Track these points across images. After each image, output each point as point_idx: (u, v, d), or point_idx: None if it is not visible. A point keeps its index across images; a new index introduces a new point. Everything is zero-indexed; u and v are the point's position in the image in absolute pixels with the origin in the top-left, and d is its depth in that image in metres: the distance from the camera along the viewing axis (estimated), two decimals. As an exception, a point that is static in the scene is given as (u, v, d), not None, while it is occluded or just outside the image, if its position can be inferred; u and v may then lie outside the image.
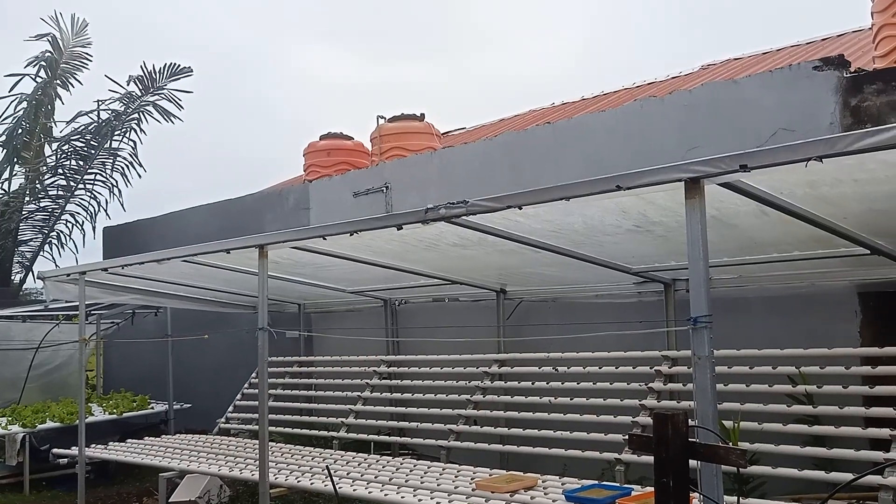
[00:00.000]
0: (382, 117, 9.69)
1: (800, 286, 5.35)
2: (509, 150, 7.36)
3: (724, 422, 3.45)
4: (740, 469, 2.58)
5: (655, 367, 5.62)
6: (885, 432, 4.28)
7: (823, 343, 4.98)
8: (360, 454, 6.57)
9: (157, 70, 13.43)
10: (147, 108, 13.70)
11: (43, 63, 13.68)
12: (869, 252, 4.49)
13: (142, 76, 13.41)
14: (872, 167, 3.09)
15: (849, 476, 4.03)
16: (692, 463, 2.64)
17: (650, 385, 5.54)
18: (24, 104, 13.62)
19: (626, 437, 4.65)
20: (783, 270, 5.24)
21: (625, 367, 5.80)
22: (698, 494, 2.91)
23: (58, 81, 13.87)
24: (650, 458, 2.64)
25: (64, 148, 13.75)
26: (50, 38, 13.70)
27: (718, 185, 3.19)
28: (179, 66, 13.54)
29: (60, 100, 14.00)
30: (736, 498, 3.10)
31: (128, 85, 13.48)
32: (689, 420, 2.65)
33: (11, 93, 13.50)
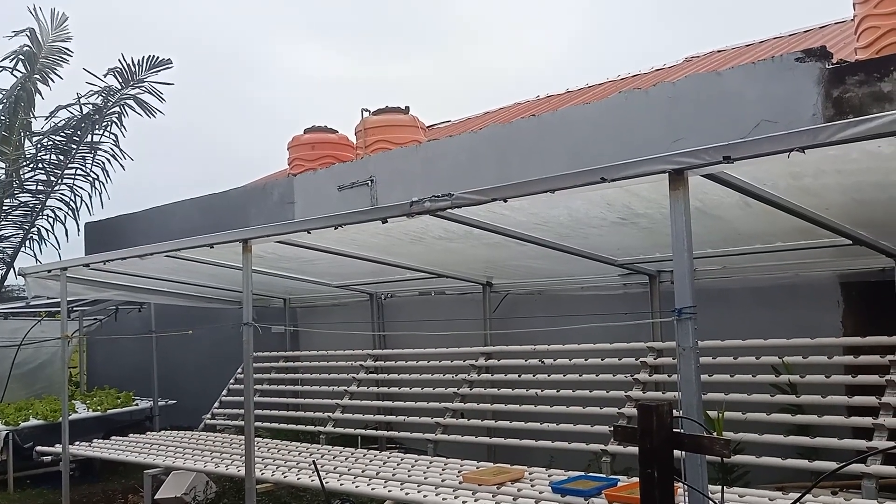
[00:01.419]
0: (367, 110, 9.63)
1: (784, 277, 5.39)
2: (495, 143, 7.35)
3: (708, 412, 3.47)
4: (724, 459, 2.59)
5: (641, 359, 5.65)
6: (867, 421, 4.33)
7: (807, 333, 5.01)
8: (346, 448, 6.56)
9: (136, 62, 13.27)
10: (127, 101, 13.55)
11: (21, 57, 13.48)
12: (851, 242, 4.52)
13: (121, 69, 13.25)
14: (855, 157, 3.11)
15: (832, 464, 4.07)
16: (677, 453, 2.65)
17: (636, 376, 5.56)
18: (3, 99, 13.43)
19: (612, 428, 4.67)
20: (767, 261, 5.28)
21: (610, 359, 5.82)
22: (683, 484, 2.92)
23: (37, 76, 13.67)
24: (636, 449, 2.65)
25: (43, 142, 13.59)
26: (28, 33, 13.50)
27: (702, 176, 3.19)
28: (159, 58, 13.38)
29: (40, 94, 13.81)
30: (720, 487, 3.12)
31: (105, 77, 13.32)
32: (674, 411, 2.66)
33: (-10, 89, 13.32)
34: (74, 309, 9.77)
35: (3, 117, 13.48)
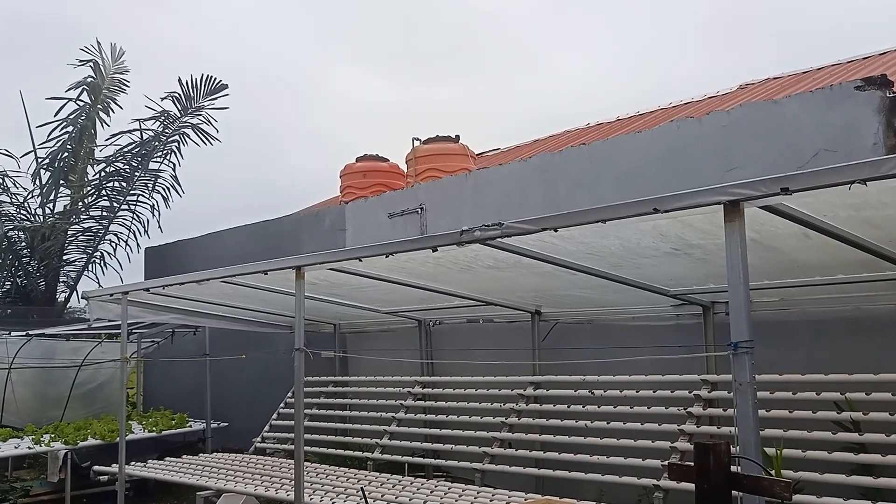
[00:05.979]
0: (418, 139, 9.76)
1: (845, 310, 5.21)
2: (544, 171, 7.36)
3: (766, 449, 3.36)
4: (784, 501, 2.51)
5: (694, 392, 5.52)
6: (936, 462, 4.13)
7: (870, 368, 4.84)
8: (394, 476, 6.56)
9: (192, 84, 13.70)
10: (186, 129, 14.06)
11: (86, 87, 14.16)
12: (917, 275, 4.36)
13: (178, 94, 13.74)
14: (919, 189, 3.01)
15: (899, 508, 3.89)
16: (735, 492, 2.57)
17: (689, 410, 5.43)
18: (70, 128, 14.08)
19: (666, 464, 4.56)
20: (827, 293, 5.12)
21: (663, 391, 5.71)
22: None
23: (100, 106, 14.33)
24: (690, 485, 2.59)
25: (107, 169, 14.17)
26: (92, 64, 14.19)
27: (759, 207, 3.14)
28: (216, 80, 13.83)
29: (102, 124, 14.47)
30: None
31: (163, 101, 13.81)
32: (731, 448, 2.59)
33: (56, 117, 13.99)
34: (133, 331, 10.06)
35: (69, 146, 14.13)
